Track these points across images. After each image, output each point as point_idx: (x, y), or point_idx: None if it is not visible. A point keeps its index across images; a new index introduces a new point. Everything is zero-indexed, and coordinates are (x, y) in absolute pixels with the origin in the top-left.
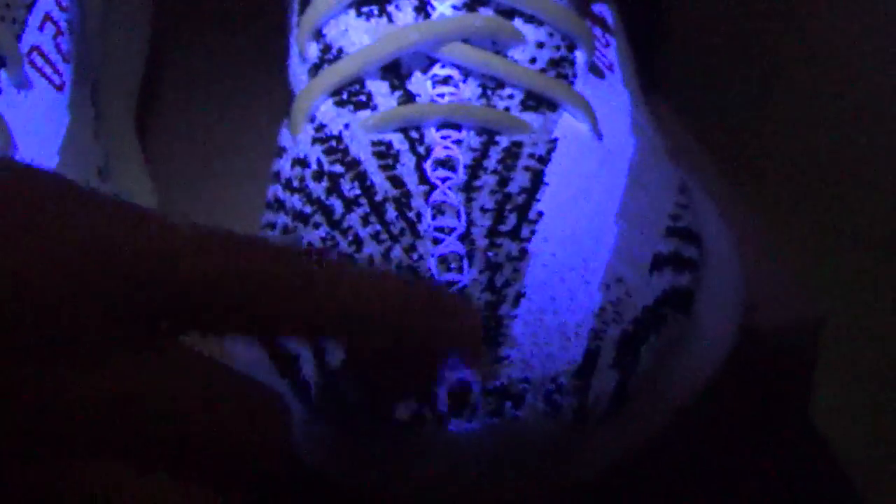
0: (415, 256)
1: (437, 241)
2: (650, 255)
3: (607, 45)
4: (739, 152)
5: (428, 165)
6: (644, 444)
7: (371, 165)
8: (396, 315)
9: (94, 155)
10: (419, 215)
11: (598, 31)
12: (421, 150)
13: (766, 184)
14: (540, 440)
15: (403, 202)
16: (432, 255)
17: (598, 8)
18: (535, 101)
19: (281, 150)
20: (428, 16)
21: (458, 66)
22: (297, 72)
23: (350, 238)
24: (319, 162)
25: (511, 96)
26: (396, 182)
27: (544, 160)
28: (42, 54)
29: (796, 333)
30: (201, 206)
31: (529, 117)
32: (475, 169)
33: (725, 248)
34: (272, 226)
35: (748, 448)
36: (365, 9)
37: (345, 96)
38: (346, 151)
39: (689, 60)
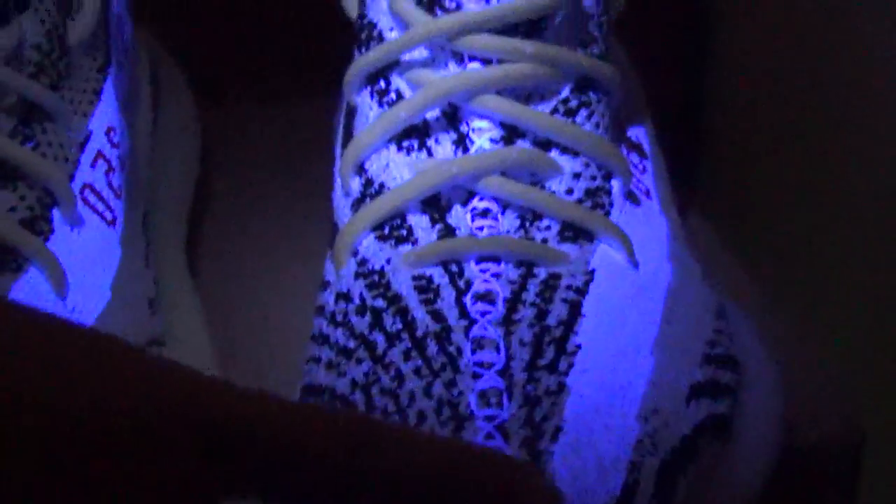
0: (455, 392)
1: (476, 376)
2: (687, 384)
3: (644, 170)
4: (779, 265)
5: (468, 299)
6: None
7: (412, 300)
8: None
9: (144, 286)
10: (459, 350)
11: (634, 157)
12: (461, 283)
13: (805, 296)
14: None
15: (444, 337)
16: (472, 391)
17: (633, 132)
18: (573, 232)
19: (326, 284)
20: (466, 150)
21: (496, 199)
22: (341, 205)
23: (392, 373)
24: (362, 296)
25: (549, 227)
26: (437, 317)
27: (582, 291)
28: (94, 191)
29: (839, 449)
30: (250, 334)
31: (567, 248)
32: (514, 302)
33: (764, 369)
34: (317, 360)
35: None
36: (405, 143)
37: (387, 230)
38: (388, 286)
39: (727, 173)
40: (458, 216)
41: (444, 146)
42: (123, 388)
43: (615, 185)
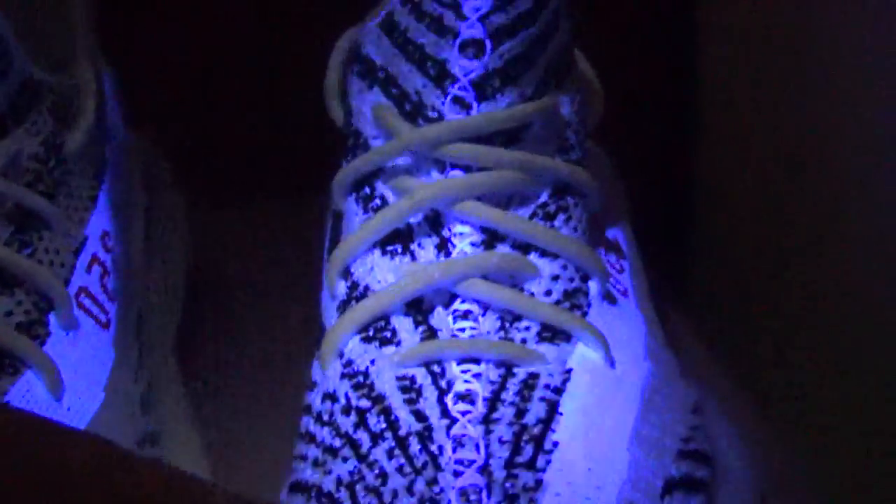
0: (436, 489)
1: (457, 474)
2: (662, 479)
3: (621, 270)
4: (749, 361)
5: (449, 399)
6: None
7: (396, 400)
8: None
9: (136, 386)
10: (441, 448)
11: (612, 258)
12: (443, 384)
13: (776, 395)
14: None
15: (426, 436)
16: (453, 488)
17: (612, 233)
18: (551, 333)
19: (312, 384)
20: (448, 254)
21: (477, 301)
22: (328, 308)
23: (376, 472)
24: (347, 397)
25: (528, 328)
26: (420, 416)
27: (559, 390)
28: (90, 295)
29: None
30: (240, 432)
31: (545, 349)
32: (494, 402)
33: (737, 463)
34: (303, 458)
35: None
36: (390, 248)
37: (371, 332)
38: (372, 387)
39: (707, 271)
40: (441, 318)
41: (427, 250)
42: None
43: (592, 286)
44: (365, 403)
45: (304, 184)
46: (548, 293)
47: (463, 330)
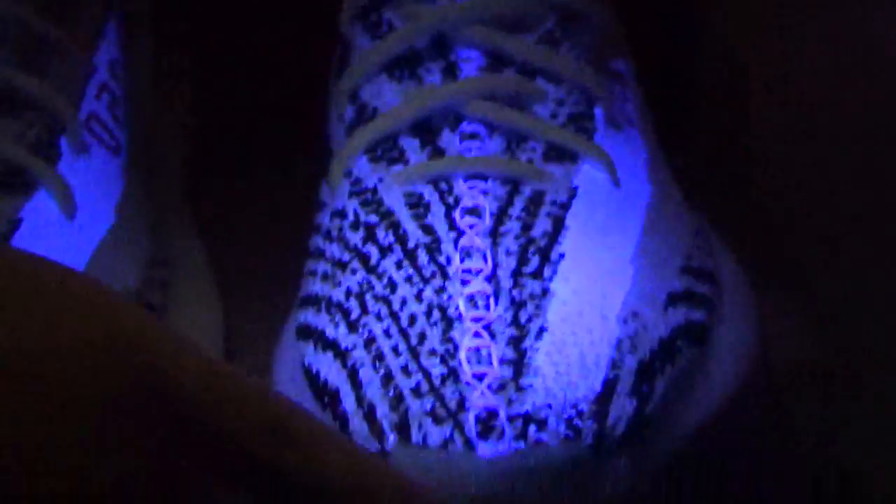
0: (445, 297)
1: (465, 283)
2: (665, 292)
3: (626, 99)
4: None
5: (457, 214)
6: (659, 471)
7: (404, 215)
8: None
9: (147, 212)
10: (448, 259)
11: (617, 88)
12: (450, 200)
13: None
14: (562, 463)
15: (434, 248)
16: (461, 295)
17: (616, 65)
18: (557, 154)
19: (321, 205)
20: (455, 77)
21: (483, 123)
22: (336, 132)
23: (385, 282)
24: (356, 213)
25: (534, 149)
26: (427, 230)
27: (565, 206)
28: (100, 121)
29: (810, 374)
30: (247, 259)
31: (552, 168)
32: (501, 216)
33: (740, 286)
34: (313, 273)
35: (764, 481)
36: (397, 72)
37: (379, 153)
38: (380, 203)
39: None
40: (448, 139)
41: (433, 74)
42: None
43: (598, 111)
44: (373, 219)
45: (313, 15)
46: (553, 116)
47: (469, 150)
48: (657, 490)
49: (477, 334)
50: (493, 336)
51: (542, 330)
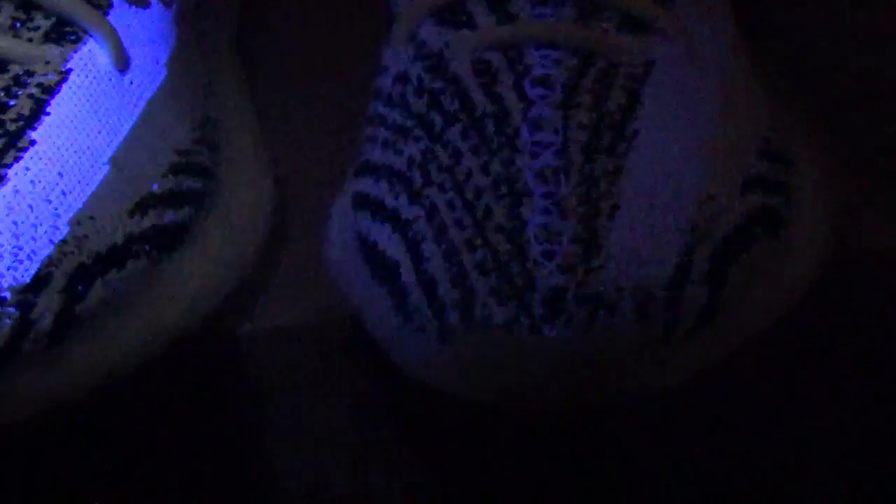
0: (513, 170)
1: (534, 155)
2: (742, 175)
3: None
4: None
5: (526, 83)
6: (726, 360)
7: (471, 82)
8: None
9: (198, 70)
10: (517, 130)
11: None
12: (520, 68)
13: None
14: (629, 348)
15: (502, 117)
16: (530, 169)
17: None
18: (632, 24)
19: (383, 69)
20: None
21: None
22: None
23: (450, 151)
24: (420, 78)
25: (609, 18)
26: (495, 98)
27: (641, 80)
28: None
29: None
30: (300, 124)
31: (625, 39)
32: (572, 88)
33: (819, 174)
34: (373, 139)
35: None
36: None
37: (446, 16)
38: (446, 68)
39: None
40: (519, 4)
41: None
42: None
43: None
44: (438, 85)
45: None
46: None
47: (542, 16)
48: (720, 383)
49: (546, 210)
50: (563, 214)
51: (614, 209)
